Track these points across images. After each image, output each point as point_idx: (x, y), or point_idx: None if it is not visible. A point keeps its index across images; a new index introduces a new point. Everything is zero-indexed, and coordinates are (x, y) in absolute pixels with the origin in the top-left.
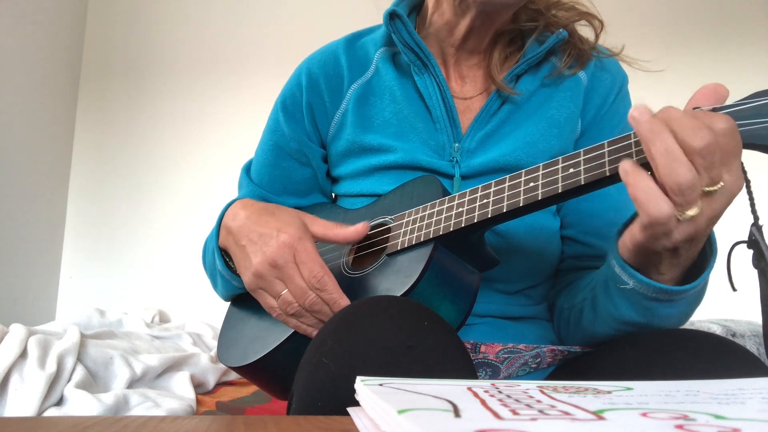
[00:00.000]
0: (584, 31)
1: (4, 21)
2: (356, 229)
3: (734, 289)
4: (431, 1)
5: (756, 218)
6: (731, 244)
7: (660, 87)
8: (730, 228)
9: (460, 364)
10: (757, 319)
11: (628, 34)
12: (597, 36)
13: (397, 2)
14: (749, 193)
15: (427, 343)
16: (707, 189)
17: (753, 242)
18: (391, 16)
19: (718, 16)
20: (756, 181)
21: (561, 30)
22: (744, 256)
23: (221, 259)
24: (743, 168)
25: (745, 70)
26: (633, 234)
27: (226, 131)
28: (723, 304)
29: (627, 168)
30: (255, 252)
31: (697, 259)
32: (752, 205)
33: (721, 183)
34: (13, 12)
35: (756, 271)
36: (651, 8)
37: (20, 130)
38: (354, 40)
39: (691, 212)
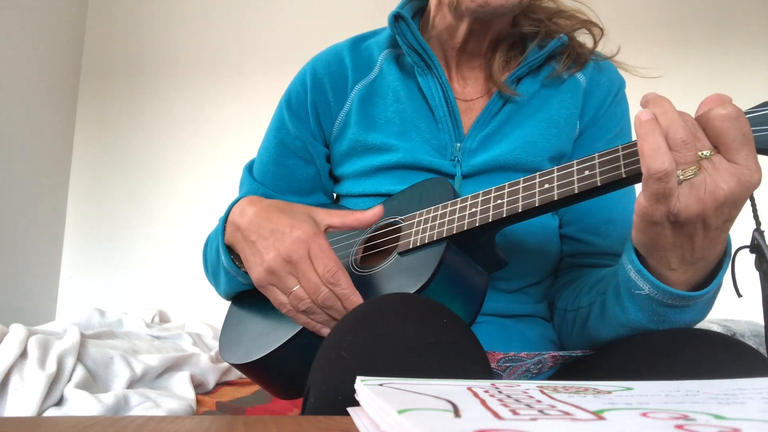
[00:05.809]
0: (583, 38)
1: (4, 21)
2: (374, 212)
3: (739, 295)
4: (433, 5)
5: (758, 223)
6: (734, 250)
7: (658, 90)
8: (734, 237)
9: (476, 361)
10: (758, 319)
11: (626, 38)
12: (596, 43)
13: (402, 5)
14: (752, 199)
15: (445, 340)
16: (701, 154)
17: (755, 246)
18: (396, 18)
19: (716, 19)
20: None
21: (562, 35)
22: (745, 259)
23: (228, 256)
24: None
25: (741, 72)
26: (638, 201)
27: (226, 131)
28: (723, 304)
29: (642, 118)
30: (267, 248)
31: (713, 269)
32: (754, 210)
33: (712, 151)
34: (13, 12)
35: (758, 274)
36: (648, 12)
37: (20, 130)
38: (358, 42)
39: (689, 172)
